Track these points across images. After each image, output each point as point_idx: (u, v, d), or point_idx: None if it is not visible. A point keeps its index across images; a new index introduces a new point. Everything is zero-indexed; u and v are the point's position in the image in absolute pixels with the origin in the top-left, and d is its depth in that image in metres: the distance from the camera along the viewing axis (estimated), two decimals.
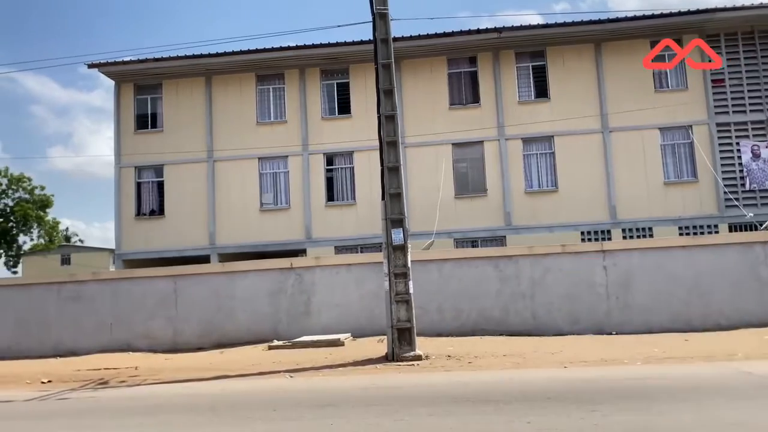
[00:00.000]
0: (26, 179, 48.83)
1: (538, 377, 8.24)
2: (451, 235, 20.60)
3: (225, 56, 21.59)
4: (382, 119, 11.03)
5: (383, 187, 10.88)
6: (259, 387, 8.78)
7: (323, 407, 6.79)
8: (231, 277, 14.43)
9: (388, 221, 10.73)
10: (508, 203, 20.88)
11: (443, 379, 8.52)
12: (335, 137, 21.51)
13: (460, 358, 10.18)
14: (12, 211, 47.96)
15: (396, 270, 10.57)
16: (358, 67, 21.64)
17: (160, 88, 22.75)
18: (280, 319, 13.97)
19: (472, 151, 21.38)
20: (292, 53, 21.50)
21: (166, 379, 10.12)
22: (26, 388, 10.17)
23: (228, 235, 21.79)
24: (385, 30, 11.21)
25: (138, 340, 14.24)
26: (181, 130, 22.35)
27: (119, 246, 22.27)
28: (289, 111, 22.14)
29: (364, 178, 21.25)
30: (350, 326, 13.56)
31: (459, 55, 21.72)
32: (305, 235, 21.49)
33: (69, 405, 8.32)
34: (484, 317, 13.32)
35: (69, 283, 15.09)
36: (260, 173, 22.05)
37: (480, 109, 21.41)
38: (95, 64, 21.80)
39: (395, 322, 10.39)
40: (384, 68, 11.17)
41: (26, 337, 14.67)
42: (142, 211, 22.52)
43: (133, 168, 22.45)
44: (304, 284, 14.08)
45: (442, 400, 6.76)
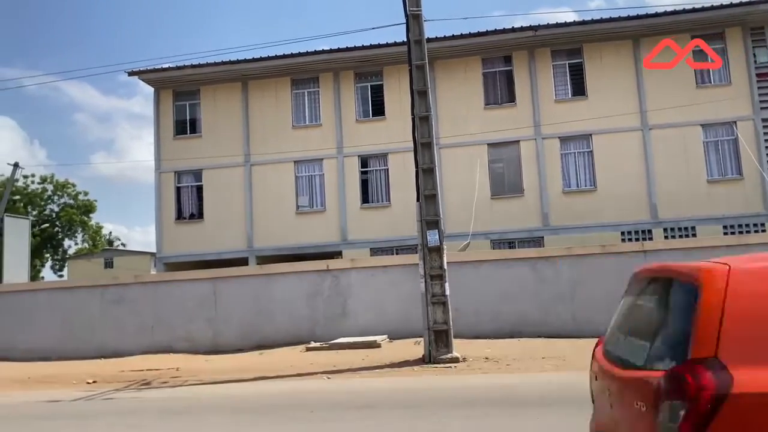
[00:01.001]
0: (71, 185, 50.35)
1: (579, 380, 8.06)
2: (488, 236, 20.42)
3: (260, 61, 21.86)
4: (416, 120, 11.01)
5: (418, 188, 10.85)
6: (298, 388, 8.85)
7: (360, 409, 6.80)
8: (269, 279, 14.59)
9: (423, 223, 10.70)
10: (546, 203, 20.60)
11: (481, 381, 8.45)
12: (370, 139, 21.55)
13: (497, 361, 10.08)
14: (57, 217, 49.48)
15: (432, 272, 10.53)
16: (392, 69, 21.65)
17: (198, 94, 23.16)
18: (317, 321, 14.06)
19: (508, 150, 21.16)
20: (327, 57, 21.64)
21: (207, 380, 10.28)
22: (72, 388, 10.47)
23: (265, 237, 22.04)
24: (418, 31, 11.19)
25: (179, 341, 14.50)
26: (219, 135, 22.71)
27: (160, 249, 22.74)
28: (323, 114, 22.28)
29: (398, 180, 21.24)
30: (386, 328, 13.55)
31: (493, 54, 21.54)
32: (341, 237, 21.59)
33: (114, 405, 8.53)
34: (523, 319, 13.16)
35: (112, 286, 15.49)
36: (296, 176, 22.24)
37: (516, 108, 21.18)
38: (135, 72, 22.33)
39: (432, 324, 10.34)
40: (418, 69, 11.15)
41: (72, 339, 15.10)
42: (182, 215, 22.95)
43: (173, 173, 22.89)
44: (341, 286, 14.14)
45: (479, 403, 6.70)
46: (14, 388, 11.04)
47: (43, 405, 8.88)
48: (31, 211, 47.33)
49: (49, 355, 14.85)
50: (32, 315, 15.58)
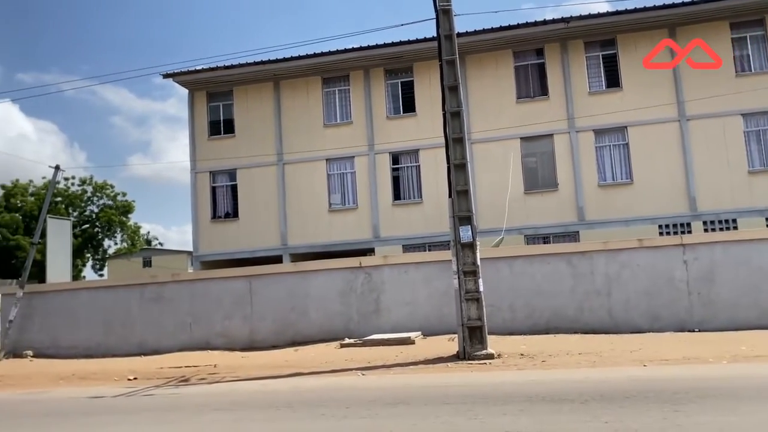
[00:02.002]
0: (109, 186, 51.50)
1: (615, 376, 7.97)
2: (522, 231, 20.24)
3: (291, 61, 22.05)
4: (447, 116, 10.97)
5: (450, 184, 10.80)
6: (333, 384, 8.91)
7: (395, 405, 6.82)
8: (303, 276, 14.72)
9: (455, 219, 10.65)
10: (581, 197, 20.31)
11: (516, 377, 8.39)
12: (401, 136, 21.56)
13: (533, 357, 9.99)
14: (97, 217, 50.70)
15: (465, 268, 10.48)
16: (422, 65, 21.60)
17: (231, 94, 23.48)
18: (351, 317, 14.14)
19: (542, 144, 20.93)
20: (357, 54, 21.70)
21: (244, 376, 10.44)
22: (114, 384, 10.74)
23: (299, 235, 22.25)
24: (448, 26, 11.14)
25: (216, 338, 14.75)
26: (252, 135, 22.99)
27: (196, 248, 23.14)
28: (354, 112, 22.36)
29: (430, 176, 21.20)
30: (420, 324, 13.55)
31: (525, 47, 21.31)
32: (373, 234, 21.65)
33: (154, 401, 8.72)
34: (558, 315, 13.01)
35: (150, 285, 15.82)
36: (328, 174, 22.38)
37: (548, 101, 20.92)
38: (170, 74, 22.73)
39: (466, 321, 10.30)
40: (448, 65, 11.09)
41: (113, 336, 15.49)
42: (218, 214, 23.31)
43: (208, 173, 23.26)
44: (374, 283, 14.18)
45: (515, 399, 6.65)
46: (59, 385, 11.39)
47: (86, 401, 9.13)
48: (72, 212, 48.63)
49: (91, 353, 15.25)
50: (75, 313, 16.02)
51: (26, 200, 47.74)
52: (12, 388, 11.45)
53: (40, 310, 16.40)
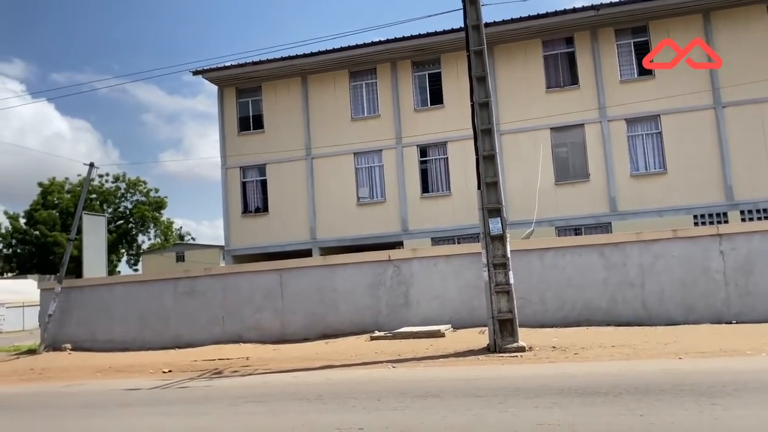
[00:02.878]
0: (142, 183, 52.45)
1: (650, 369, 7.84)
2: (553, 223, 20.01)
3: (319, 55, 22.10)
4: (475, 107, 10.88)
5: (479, 176, 10.73)
6: (363, 376, 8.96)
7: (426, 397, 6.82)
8: (332, 270, 14.79)
9: (485, 211, 10.58)
10: (613, 188, 19.97)
11: (548, 370, 8.31)
12: (428, 128, 21.46)
13: (565, 350, 9.89)
14: (131, 213, 51.72)
15: (495, 260, 10.41)
16: (450, 56, 21.45)
17: (260, 90, 23.65)
18: (380, 311, 14.17)
19: (572, 134, 20.62)
20: (383, 47, 21.64)
21: (275, 368, 10.55)
22: (150, 377, 10.96)
23: (328, 229, 22.35)
24: (476, 16, 11.03)
25: (248, 331, 14.94)
26: (281, 130, 23.14)
27: (228, 242, 23.44)
28: (381, 105, 22.33)
29: (458, 168, 21.08)
30: (449, 317, 13.52)
31: (554, 36, 20.99)
32: (401, 227, 21.64)
33: (188, 393, 8.88)
34: (590, 307, 12.84)
35: (184, 279, 16.08)
36: (356, 168, 22.42)
37: (579, 90, 20.59)
38: (199, 71, 22.99)
39: (496, 313, 10.24)
40: (476, 55, 10.99)
41: (148, 330, 15.80)
42: (248, 209, 23.55)
43: (238, 168, 23.50)
44: (402, 276, 14.18)
45: (547, 392, 6.59)
46: (97, 377, 11.67)
47: (123, 393, 9.35)
48: (107, 208, 49.68)
49: (128, 346, 15.58)
50: (110, 307, 16.38)
51: (63, 197, 48.93)
52: (52, 381, 11.78)
53: (77, 305, 16.82)
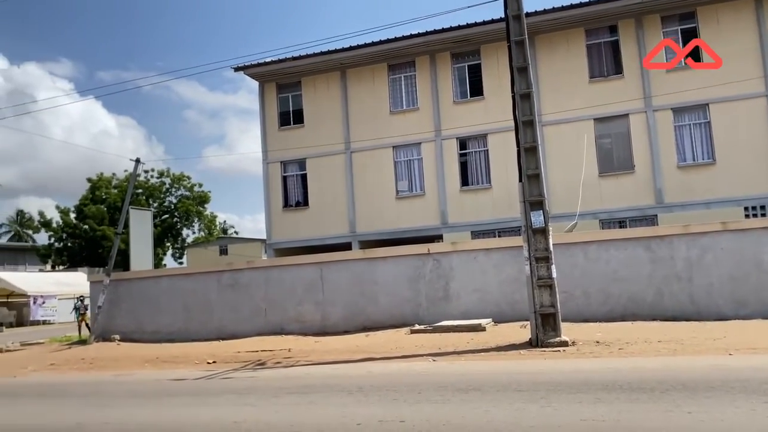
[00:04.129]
0: (186, 178, 53.58)
1: (698, 365, 7.62)
2: (596, 215, 19.62)
3: (357, 49, 22.12)
4: (516, 98, 10.73)
5: (520, 168, 10.59)
6: (404, 369, 8.97)
7: (467, 391, 6.78)
8: (372, 263, 14.84)
9: (526, 204, 10.44)
10: (659, 179, 19.46)
11: (592, 365, 8.16)
12: (468, 120, 21.27)
13: (609, 344, 9.69)
14: (176, 208, 52.89)
15: (537, 254, 10.27)
16: (490, 47, 21.20)
17: (300, 85, 23.83)
18: (419, 304, 14.16)
19: (617, 125, 20.16)
20: (422, 39, 21.52)
21: (317, 360, 10.66)
22: (195, 367, 11.21)
23: (367, 222, 22.43)
24: (517, 6, 10.86)
25: (290, 323, 15.13)
26: (320, 124, 23.29)
27: (269, 236, 23.76)
28: (420, 98, 22.23)
29: (499, 161, 20.85)
30: (490, 311, 13.42)
31: (598, 24, 20.51)
32: (441, 220, 21.54)
33: (232, 384, 9.05)
34: (635, 302, 12.56)
35: (227, 272, 16.37)
36: (395, 161, 22.40)
37: (623, 80, 20.10)
38: (241, 67, 23.30)
39: (538, 308, 10.11)
40: (517, 45, 10.83)
41: (193, 321, 16.16)
42: (289, 203, 23.82)
43: (279, 163, 23.77)
44: (442, 269, 14.13)
45: (591, 387, 6.48)
46: (144, 367, 12.00)
47: (170, 383, 9.59)
48: (152, 203, 50.91)
49: (173, 337, 15.97)
50: (157, 299, 16.81)
51: (110, 192, 50.34)
52: (102, 370, 12.17)
53: (125, 297, 17.32)
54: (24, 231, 68.06)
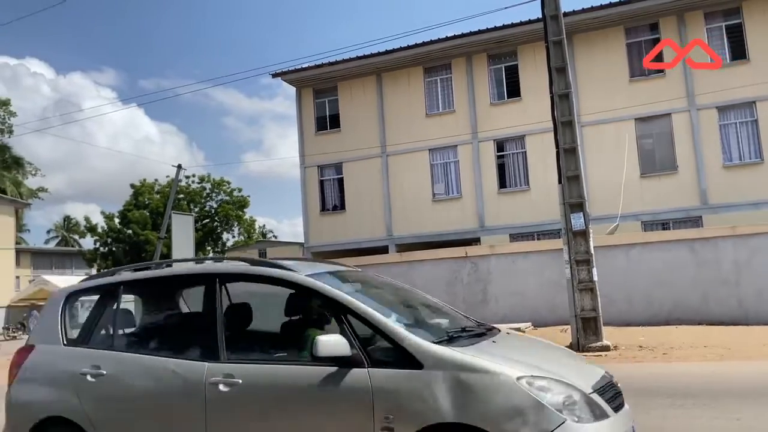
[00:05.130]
0: (226, 183, 54.42)
1: (747, 370, 7.38)
2: (638, 217, 19.17)
3: (393, 53, 22.15)
4: (555, 99, 10.59)
5: (559, 170, 10.44)
6: None
7: None
8: (409, 266, 14.83)
9: (566, 206, 10.28)
10: (703, 180, 18.92)
11: (634, 370, 7.98)
12: (505, 122, 21.08)
13: (653, 349, 9.46)
14: (216, 212, 53.78)
15: (577, 257, 10.10)
16: (527, 48, 20.97)
17: (336, 90, 23.99)
18: (457, 308, 14.03)
19: (659, 124, 19.69)
20: (459, 42, 21.42)
21: None
22: None
23: (403, 225, 22.41)
24: (554, 6, 10.74)
25: None
26: (357, 128, 23.40)
27: (307, 240, 23.96)
28: (457, 100, 22.13)
29: (537, 162, 20.58)
30: (529, 315, 13.25)
31: (638, 23, 20.08)
32: (478, 223, 21.38)
33: None
34: (680, 306, 12.23)
35: None
36: (431, 164, 22.33)
37: (665, 78, 19.62)
38: (278, 74, 23.60)
39: (579, 311, 9.94)
40: (555, 45, 10.70)
41: None
42: (326, 207, 23.98)
43: (316, 167, 23.97)
44: (480, 273, 14.02)
45: (634, 393, 6.31)
46: None
47: None
48: (193, 208, 51.89)
49: None
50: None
51: (153, 198, 51.52)
52: None
53: None
54: (70, 236, 70.26)
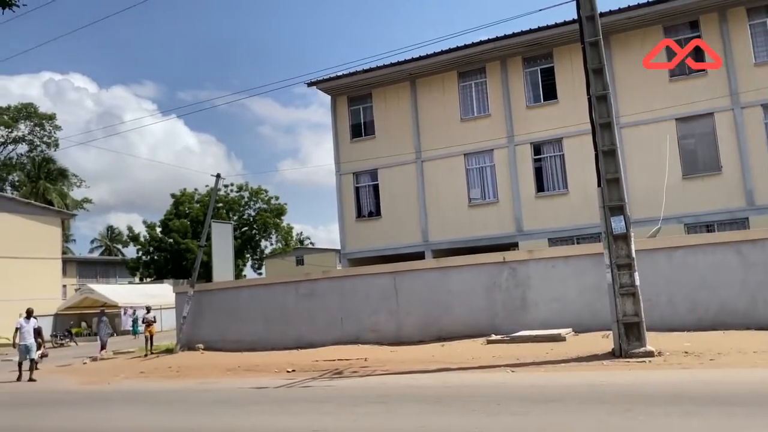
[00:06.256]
0: (264, 191, 55.24)
1: None
2: (681, 220, 18.70)
3: (427, 58, 22.13)
4: (592, 101, 10.43)
5: (598, 172, 10.26)
6: (481, 380, 8.84)
7: (548, 403, 6.61)
8: (445, 272, 14.75)
9: (606, 209, 10.10)
10: (749, 180, 18.34)
11: (680, 377, 7.77)
12: (542, 125, 20.84)
13: (699, 355, 9.20)
14: (254, 220, 54.59)
15: (618, 261, 9.90)
16: (563, 50, 20.71)
17: (370, 97, 24.09)
18: (496, 313, 13.94)
19: (701, 124, 19.18)
20: (493, 45, 21.28)
21: (393, 370, 10.68)
22: (275, 376, 11.48)
23: (439, 231, 22.32)
24: (590, 6, 10.59)
25: (365, 333, 15.24)
26: (391, 135, 23.44)
27: (343, 246, 24.07)
28: (492, 104, 21.98)
29: (575, 165, 20.28)
30: (570, 321, 13.02)
31: (677, 21, 19.63)
32: (516, 228, 21.16)
33: (311, 392, 9.21)
34: (726, 310, 11.87)
35: (304, 282, 16.71)
36: (467, 169, 22.21)
37: (707, 77, 19.12)
38: (314, 83, 23.83)
39: (621, 316, 9.73)
40: (591, 47, 10.55)
41: (272, 331, 16.56)
42: (362, 213, 24.07)
43: (352, 174, 24.08)
44: (519, 278, 13.86)
45: (680, 400, 6.17)
46: (227, 375, 12.40)
47: (252, 391, 9.86)
48: (232, 216, 52.72)
49: (254, 346, 16.41)
50: (238, 309, 17.35)
51: (193, 207, 52.54)
52: (188, 378, 12.67)
53: (208, 307, 17.98)
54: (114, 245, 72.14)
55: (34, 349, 14.72)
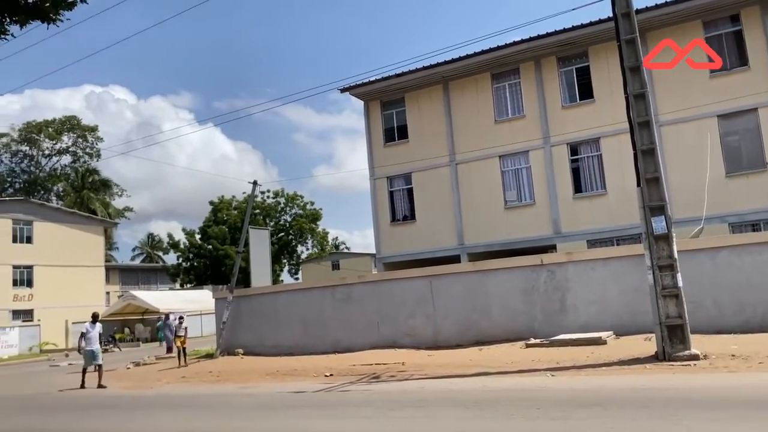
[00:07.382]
0: (299, 197, 55.84)
1: None
2: (724, 219, 18.18)
3: (460, 61, 22.04)
4: (630, 99, 10.24)
5: (638, 172, 10.07)
6: (520, 384, 8.74)
7: (589, 407, 6.50)
8: (482, 275, 14.64)
9: (646, 209, 9.89)
10: None
11: (728, 381, 7.55)
12: (578, 125, 20.53)
13: (747, 358, 8.92)
14: (290, 226, 55.19)
15: (660, 262, 9.68)
16: (598, 48, 20.38)
17: (403, 101, 24.11)
18: (534, 317, 13.77)
19: (744, 120, 18.62)
20: (527, 45, 21.07)
21: (431, 374, 10.64)
22: (313, 380, 11.56)
23: (475, 234, 22.17)
24: (626, 3, 10.41)
25: (402, 337, 15.22)
26: (425, 138, 23.41)
27: (379, 250, 24.11)
28: (526, 105, 21.76)
29: (614, 165, 19.91)
30: (610, 324, 12.78)
31: (716, 15, 19.12)
32: (553, 230, 20.87)
33: (350, 397, 9.24)
34: None
35: (340, 286, 16.80)
36: (502, 171, 22.02)
37: (749, 72, 18.56)
38: (347, 88, 23.99)
39: (664, 319, 9.51)
40: (628, 44, 10.36)
41: (309, 335, 16.68)
42: (396, 217, 24.08)
43: (386, 178, 24.13)
44: (557, 281, 13.67)
45: (729, 404, 5.99)
46: (266, 380, 12.54)
47: (290, 395, 9.94)
48: (269, 222, 53.37)
49: (292, 350, 16.56)
50: (276, 314, 17.54)
51: (230, 214, 53.37)
52: (228, 383, 12.85)
53: (246, 312, 18.22)
54: (155, 252, 73.78)
55: (100, 355, 14.41)
